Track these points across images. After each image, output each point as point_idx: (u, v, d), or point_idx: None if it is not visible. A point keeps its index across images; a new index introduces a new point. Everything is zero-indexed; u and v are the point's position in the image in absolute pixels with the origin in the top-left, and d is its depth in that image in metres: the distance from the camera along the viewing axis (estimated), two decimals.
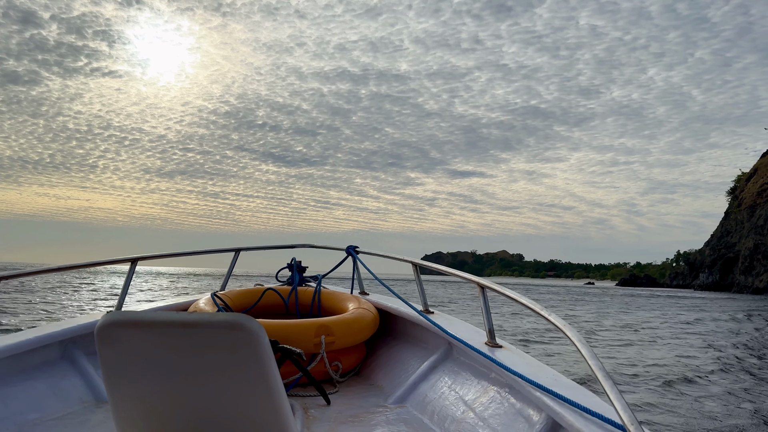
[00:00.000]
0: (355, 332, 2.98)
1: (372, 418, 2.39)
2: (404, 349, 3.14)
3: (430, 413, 2.38)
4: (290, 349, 2.33)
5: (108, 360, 1.53)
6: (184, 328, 1.46)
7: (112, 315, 1.50)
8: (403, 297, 3.25)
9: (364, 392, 2.82)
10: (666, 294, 79.57)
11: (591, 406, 1.61)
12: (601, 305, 34.86)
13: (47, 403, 2.32)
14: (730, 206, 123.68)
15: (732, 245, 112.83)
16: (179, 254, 3.80)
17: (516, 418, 1.97)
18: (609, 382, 1.47)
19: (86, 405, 2.44)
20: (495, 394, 2.19)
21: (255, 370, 1.47)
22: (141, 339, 1.49)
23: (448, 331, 2.54)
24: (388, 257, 3.66)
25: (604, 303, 38.83)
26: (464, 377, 2.48)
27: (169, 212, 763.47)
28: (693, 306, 39.11)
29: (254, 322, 1.45)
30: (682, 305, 39.89)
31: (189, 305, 3.38)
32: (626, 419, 1.36)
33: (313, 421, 2.31)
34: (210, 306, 3.16)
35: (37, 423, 2.17)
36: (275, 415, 1.52)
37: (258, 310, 3.56)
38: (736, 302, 50.60)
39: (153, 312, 1.51)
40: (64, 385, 2.48)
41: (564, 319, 1.84)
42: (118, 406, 1.58)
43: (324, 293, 3.66)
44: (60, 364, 2.60)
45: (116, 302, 3.15)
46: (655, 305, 38.19)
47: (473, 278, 2.50)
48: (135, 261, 3.26)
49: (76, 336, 2.70)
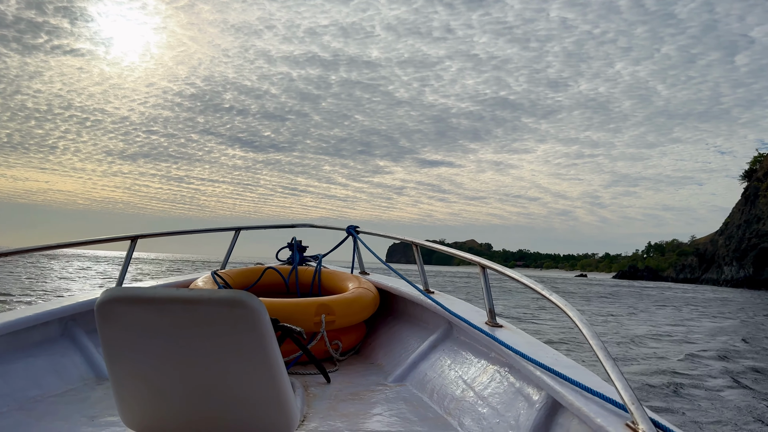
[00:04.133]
0: (356, 311, 2.98)
1: (372, 396, 2.39)
2: (404, 328, 3.15)
3: (430, 392, 2.39)
4: (291, 327, 2.34)
5: (108, 337, 1.52)
6: (184, 305, 1.45)
7: (112, 291, 1.49)
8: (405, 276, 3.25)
9: (364, 371, 2.83)
10: (688, 290, 58.36)
11: (592, 386, 1.61)
12: (625, 306, 25.56)
13: (48, 381, 2.33)
14: (748, 189, 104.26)
15: (766, 233, 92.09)
16: (180, 232, 3.79)
17: (516, 397, 1.97)
18: (610, 362, 1.46)
19: (87, 382, 2.45)
20: (495, 373, 2.20)
21: (255, 347, 1.46)
22: (141, 315, 1.48)
23: (450, 310, 2.54)
24: (389, 237, 3.65)
25: (624, 301, 29.15)
26: (464, 356, 2.48)
27: (132, 196, 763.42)
28: None
29: (255, 300, 1.44)
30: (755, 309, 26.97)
31: (189, 283, 3.38)
32: (627, 399, 1.35)
33: (314, 398, 2.32)
34: (210, 284, 3.16)
35: (38, 400, 2.18)
36: (276, 392, 1.52)
37: (258, 289, 3.56)
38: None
39: (153, 288, 1.50)
40: (65, 362, 2.49)
41: (564, 299, 1.83)
42: (118, 382, 1.58)
43: (324, 273, 3.66)
44: (60, 342, 2.60)
45: (117, 279, 3.15)
46: (708, 309, 26.09)
47: (475, 258, 2.49)
48: (135, 239, 3.25)
49: (76, 313, 2.70)
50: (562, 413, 1.74)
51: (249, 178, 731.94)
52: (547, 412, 1.78)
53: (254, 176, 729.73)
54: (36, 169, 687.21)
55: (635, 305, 26.38)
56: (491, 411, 2.00)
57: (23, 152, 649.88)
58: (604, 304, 26.11)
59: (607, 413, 1.46)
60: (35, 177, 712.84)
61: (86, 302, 2.75)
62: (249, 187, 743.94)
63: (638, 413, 1.31)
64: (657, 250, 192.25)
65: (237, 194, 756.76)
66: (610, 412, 1.46)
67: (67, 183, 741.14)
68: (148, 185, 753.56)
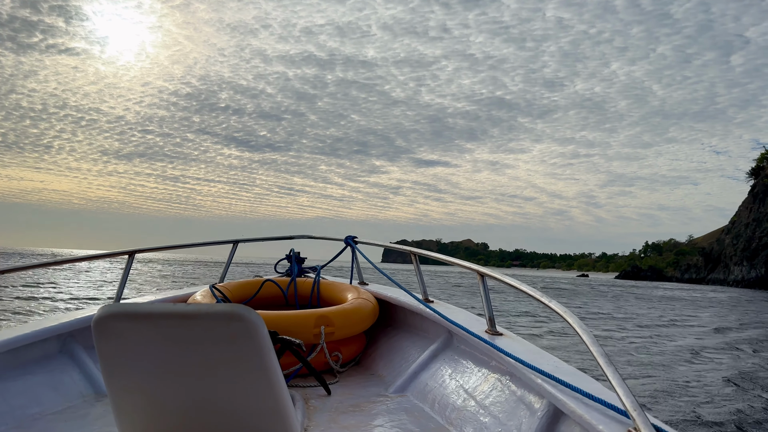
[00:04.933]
0: (355, 322, 2.97)
1: (373, 407, 2.38)
2: (404, 338, 3.14)
3: (431, 402, 2.37)
4: (290, 339, 2.33)
5: (106, 353, 1.51)
6: (182, 320, 1.45)
7: (109, 307, 1.48)
8: (403, 286, 3.24)
9: (364, 382, 2.81)
10: (704, 290, 55.71)
11: (593, 392, 1.60)
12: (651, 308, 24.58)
13: (47, 398, 2.31)
14: (756, 187, 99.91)
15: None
16: (177, 246, 3.78)
17: (517, 405, 1.96)
18: (611, 368, 1.46)
19: (86, 399, 2.43)
20: (496, 381, 2.19)
21: (254, 360, 1.46)
22: (139, 331, 1.47)
23: (450, 319, 2.53)
24: (387, 247, 3.65)
25: (644, 304, 27.83)
26: (465, 365, 2.47)
27: (127, 195, 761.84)
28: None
29: (253, 313, 1.43)
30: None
31: (188, 297, 3.37)
32: (629, 405, 1.35)
33: (314, 411, 2.31)
34: (209, 298, 3.15)
35: (37, 418, 2.17)
36: (276, 405, 1.51)
37: (257, 302, 3.55)
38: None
39: (150, 304, 1.50)
40: (64, 379, 2.48)
41: (564, 306, 1.83)
42: (117, 399, 1.57)
43: (323, 284, 3.65)
44: (59, 358, 2.58)
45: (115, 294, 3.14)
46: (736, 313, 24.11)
47: (473, 266, 2.49)
48: (132, 254, 3.25)
49: (74, 330, 2.68)
50: (564, 421, 1.73)
51: (245, 177, 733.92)
52: (549, 420, 1.77)
53: (250, 176, 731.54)
54: (31, 169, 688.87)
55: (681, 310, 24.52)
56: (493, 420, 1.99)
57: (18, 152, 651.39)
58: (645, 308, 24.44)
59: (608, 420, 1.45)
60: (30, 176, 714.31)
61: (84, 318, 2.74)
62: (245, 186, 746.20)
63: (640, 419, 1.30)
64: (654, 249, 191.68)
65: (233, 194, 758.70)
66: (612, 419, 1.46)
67: (62, 183, 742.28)
68: (143, 185, 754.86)
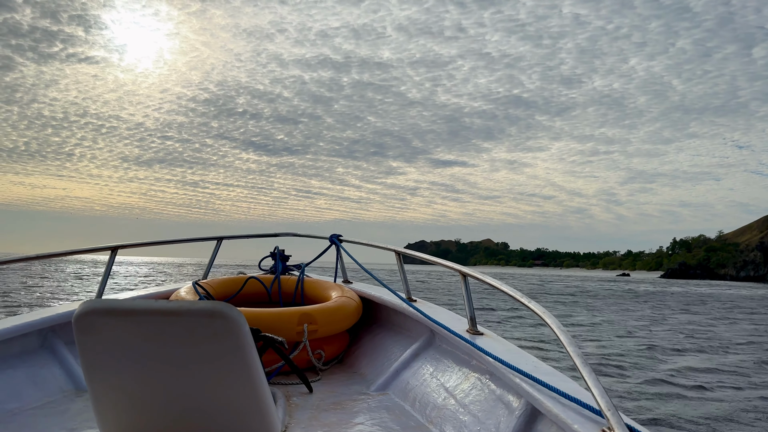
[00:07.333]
0: (338, 320, 2.98)
1: (354, 405, 2.40)
2: (387, 336, 3.16)
3: (412, 400, 2.40)
4: (272, 337, 2.33)
5: (87, 349, 1.51)
6: (163, 317, 1.45)
7: (90, 303, 1.48)
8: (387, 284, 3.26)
9: (346, 380, 2.83)
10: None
11: (569, 392, 1.64)
12: None
13: (26, 393, 2.30)
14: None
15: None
16: (160, 242, 3.77)
17: (496, 404, 1.99)
18: (587, 368, 1.49)
19: (66, 394, 2.42)
20: (476, 380, 2.22)
21: (236, 358, 1.47)
22: (120, 327, 1.47)
23: (432, 318, 2.56)
24: (371, 246, 3.66)
25: None
26: (446, 364, 2.50)
27: (148, 201, 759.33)
28: None
29: (234, 310, 1.44)
30: None
31: (170, 294, 3.36)
32: (603, 405, 1.38)
33: (295, 408, 2.32)
34: (191, 295, 3.14)
35: (16, 413, 2.15)
36: (256, 402, 1.52)
37: (240, 299, 3.55)
38: None
39: (132, 300, 1.50)
40: (44, 374, 2.46)
41: (544, 306, 1.86)
42: (97, 395, 1.57)
43: (307, 282, 3.66)
44: (39, 353, 2.57)
45: (96, 290, 3.13)
46: None
47: (455, 266, 2.52)
48: (115, 249, 3.23)
49: (55, 324, 2.67)
50: (540, 420, 1.76)
51: (263, 181, 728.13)
52: (527, 419, 1.81)
53: (268, 180, 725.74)
54: (53, 177, 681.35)
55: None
56: (472, 419, 2.02)
57: (41, 160, 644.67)
58: None
59: (584, 419, 1.49)
60: (53, 184, 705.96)
61: (66, 313, 2.72)
62: (263, 190, 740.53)
63: (614, 419, 1.34)
64: (683, 246, 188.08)
65: (251, 198, 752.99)
66: (587, 419, 1.50)
67: (84, 190, 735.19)
68: (164, 190, 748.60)
